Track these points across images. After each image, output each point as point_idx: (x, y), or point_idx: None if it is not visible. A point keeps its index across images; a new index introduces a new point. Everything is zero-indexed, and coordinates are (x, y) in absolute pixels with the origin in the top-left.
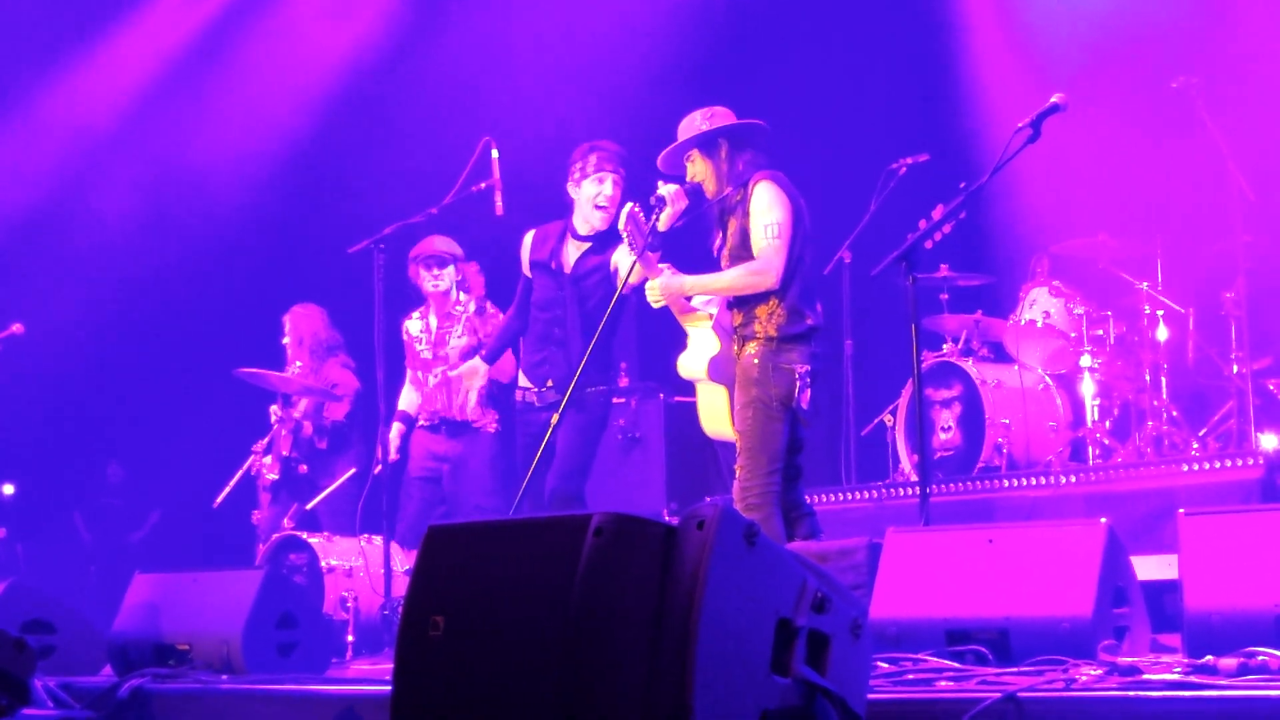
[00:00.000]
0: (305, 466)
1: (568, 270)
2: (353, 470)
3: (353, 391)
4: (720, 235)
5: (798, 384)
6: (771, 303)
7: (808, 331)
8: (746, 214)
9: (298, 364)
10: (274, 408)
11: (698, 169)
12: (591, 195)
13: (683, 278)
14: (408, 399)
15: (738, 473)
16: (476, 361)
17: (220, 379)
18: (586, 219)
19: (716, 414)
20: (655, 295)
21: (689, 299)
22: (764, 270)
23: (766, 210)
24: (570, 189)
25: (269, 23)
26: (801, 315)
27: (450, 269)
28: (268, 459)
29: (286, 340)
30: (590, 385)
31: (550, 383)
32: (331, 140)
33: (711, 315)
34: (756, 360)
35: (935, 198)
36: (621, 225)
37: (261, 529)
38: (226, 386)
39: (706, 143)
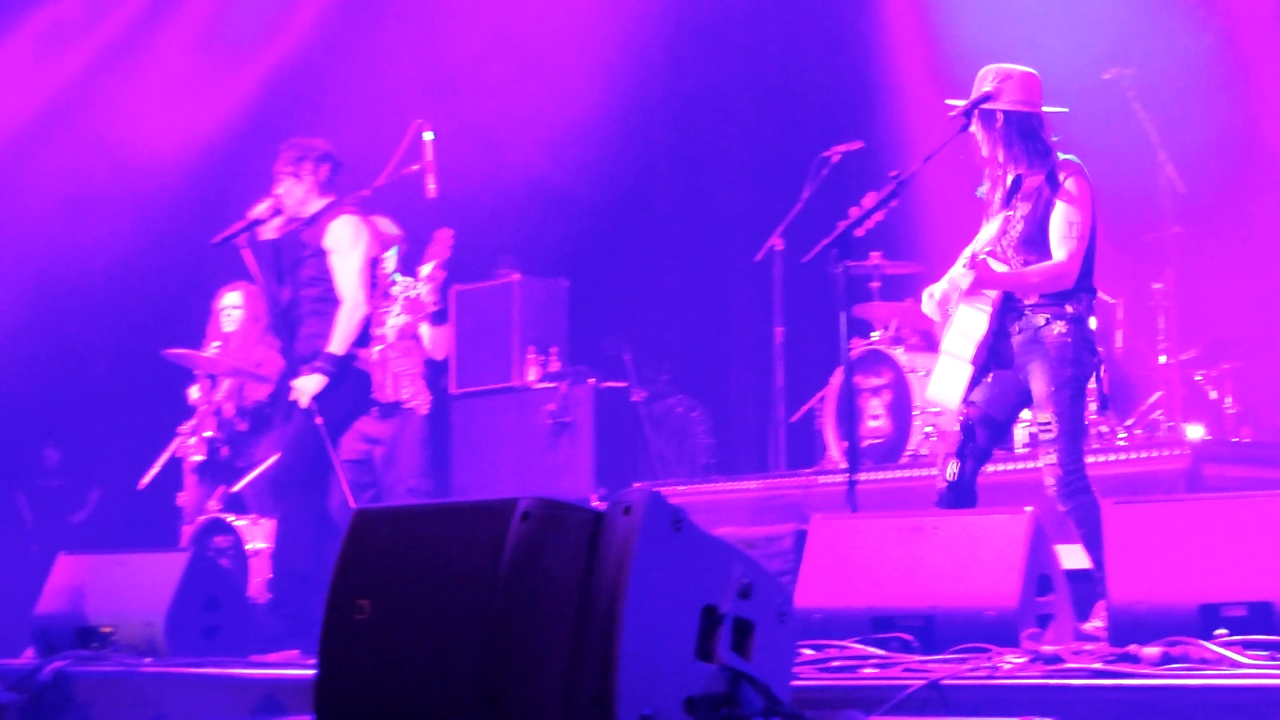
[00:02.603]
0: (227, 449)
1: None
2: (279, 455)
3: (277, 372)
4: (1008, 213)
5: (1102, 365)
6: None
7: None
8: (1049, 204)
9: (215, 344)
10: (193, 389)
11: (977, 131)
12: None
13: (997, 270)
14: None
15: (1054, 456)
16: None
17: (151, 359)
18: None
19: (953, 385)
20: (967, 279)
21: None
22: (1068, 274)
23: (1075, 208)
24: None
25: (199, 3)
26: (1094, 295)
27: (392, 250)
28: (192, 440)
29: (238, 315)
30: None
31: None
32: (262, 121)
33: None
34: (1070, 340)
35: (867, 185)
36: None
37: (186, 512)
38: (159, 367)
39: (988, 111)
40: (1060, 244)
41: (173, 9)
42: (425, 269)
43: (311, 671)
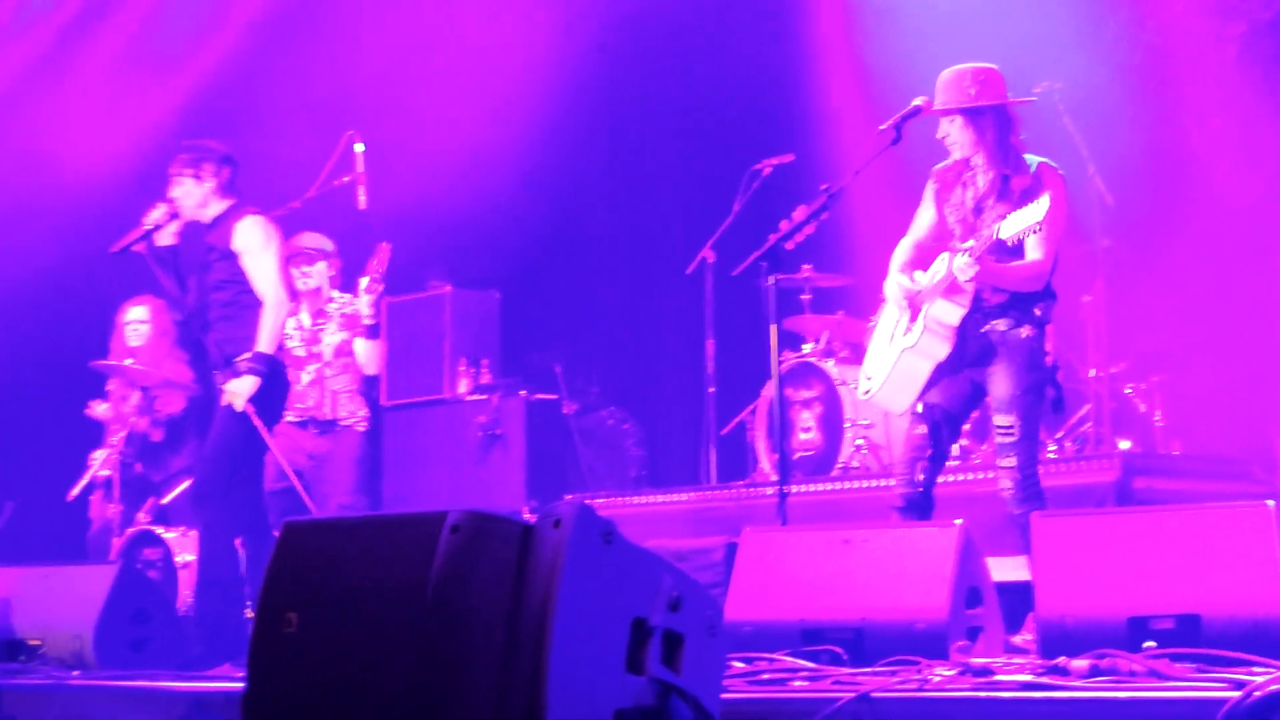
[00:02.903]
0: (140, 463)
1: None
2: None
3: (190, 382)
4: (981, 211)
5: (1058, 370)
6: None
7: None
8: (1019, 205)
9: (129, 360)
10: (99, 405)
11: (954, 133)
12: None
13: (990, 263)
14: None
15: (1014, 460)
16: (349, 357)
17: (64, 371)
18: None
19: (910, 385)
20: (971, 270)
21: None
22: (1044, 274)
23: (1050, 211)
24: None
25: (132, 12)
26: (1056, 300)
27: (320, 265)
28: (100, 454)
29: (145, 330)
30: None
31: None
32: (191, 133)
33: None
34: (1036, 344)
35: (798, 198)
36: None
37: (96, 528)
38: (72, 379)
39: (975, 112)
40: (1039, 245)
41: (99, 20)
42: (364, 282)
43: (240, 684)
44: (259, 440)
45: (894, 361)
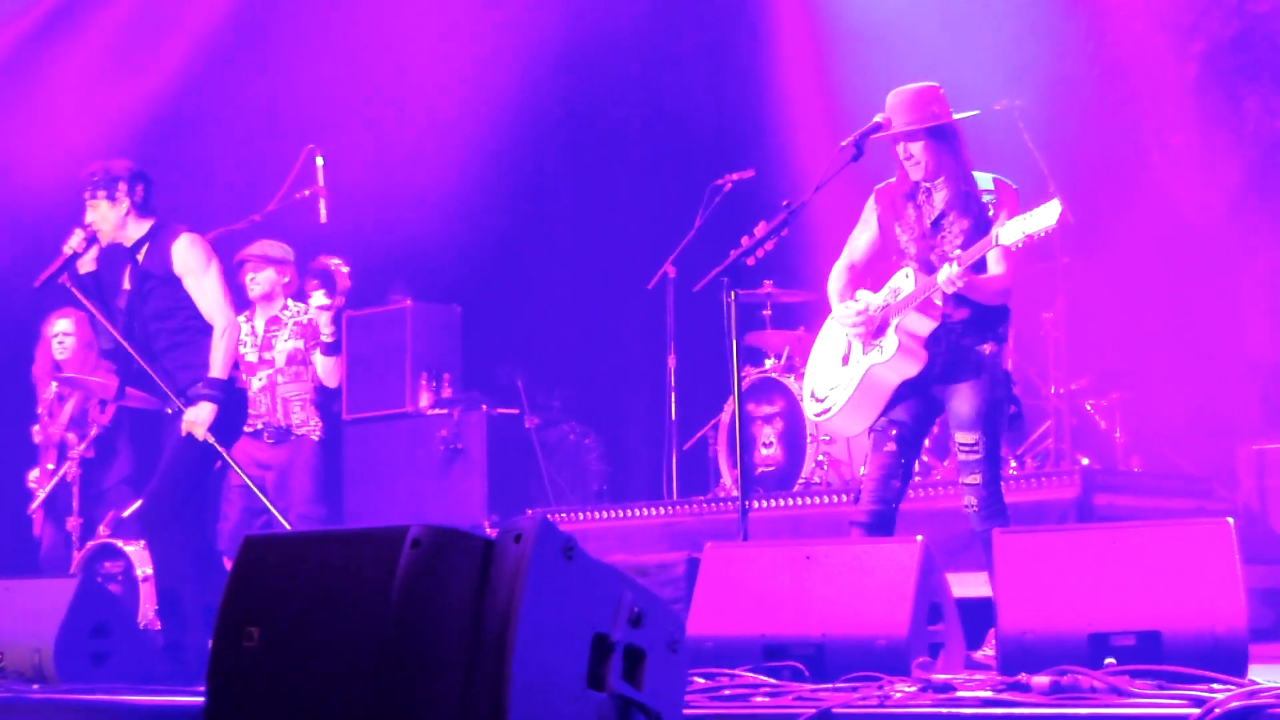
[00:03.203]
0: (73, 475)
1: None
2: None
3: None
4: (939, 228)
5: (1016, 387)
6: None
7: None
8: (993, 220)
9: (53, 385)
10: (35, 429)
11: (918, 153)
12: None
13: (972, 276)
14: None
15: (978, 477)
16: (303, 366)
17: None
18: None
19: (874, 404)
20: (960, 282)
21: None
22: (1011, 289)
23: (1019, 229)
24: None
25: (93, 26)
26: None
27: (268, 272)
28: (34, 473)
29: (70, 343)
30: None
31: None
32: (155, 145)
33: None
34: (1000, 361)
35: (760, 214)
36: None
37: (49, 543)
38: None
39: (939, 132)
40: (1000, 260)
41: (58, 34)
42: (317, 296)
43: (200, 699)
44: (211, 465)
45: (858, 379)
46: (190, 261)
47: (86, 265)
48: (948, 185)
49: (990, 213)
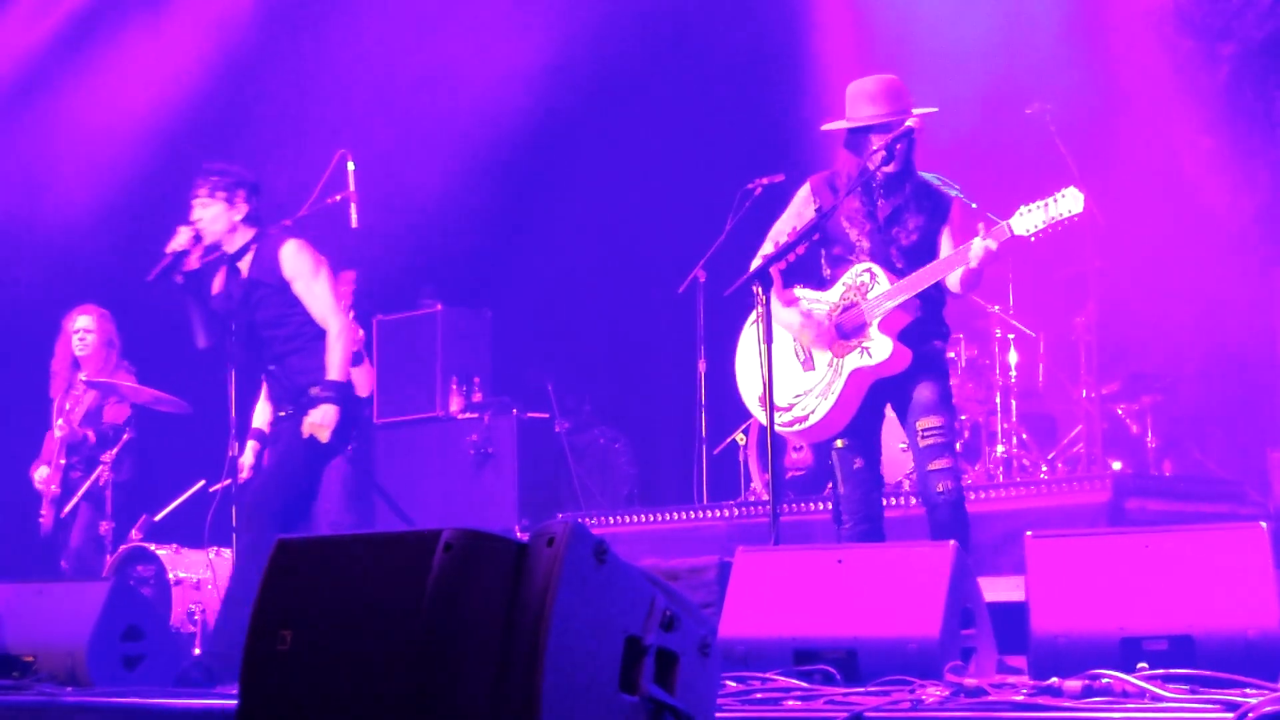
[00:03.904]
0: (106, 479)
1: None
2: (202, 482)
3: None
4: (897, 221)
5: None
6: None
7: None
8: (945, 217)
9: (83, 375)
10: (59, 422)
11: (895, 149)
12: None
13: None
14: (262, 416)
15: (948, 461)
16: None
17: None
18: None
19: (851, 406)
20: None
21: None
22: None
23: (1039, 217)
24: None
25: (120, 31)
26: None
27: None
28: (42, 471)
29: (91, 339)
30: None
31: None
32: (185, 150)
33: None
34: (945, 354)
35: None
36: None
37: (79, 542)
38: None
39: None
40: (951, 248)
41: (86, 39)
42: None
43: (233, 702)
44: (322, 468)
45: (841, 385)
46: (300, 265)
47: (191, 263)
48: (908, 179)
49: (946, 205)
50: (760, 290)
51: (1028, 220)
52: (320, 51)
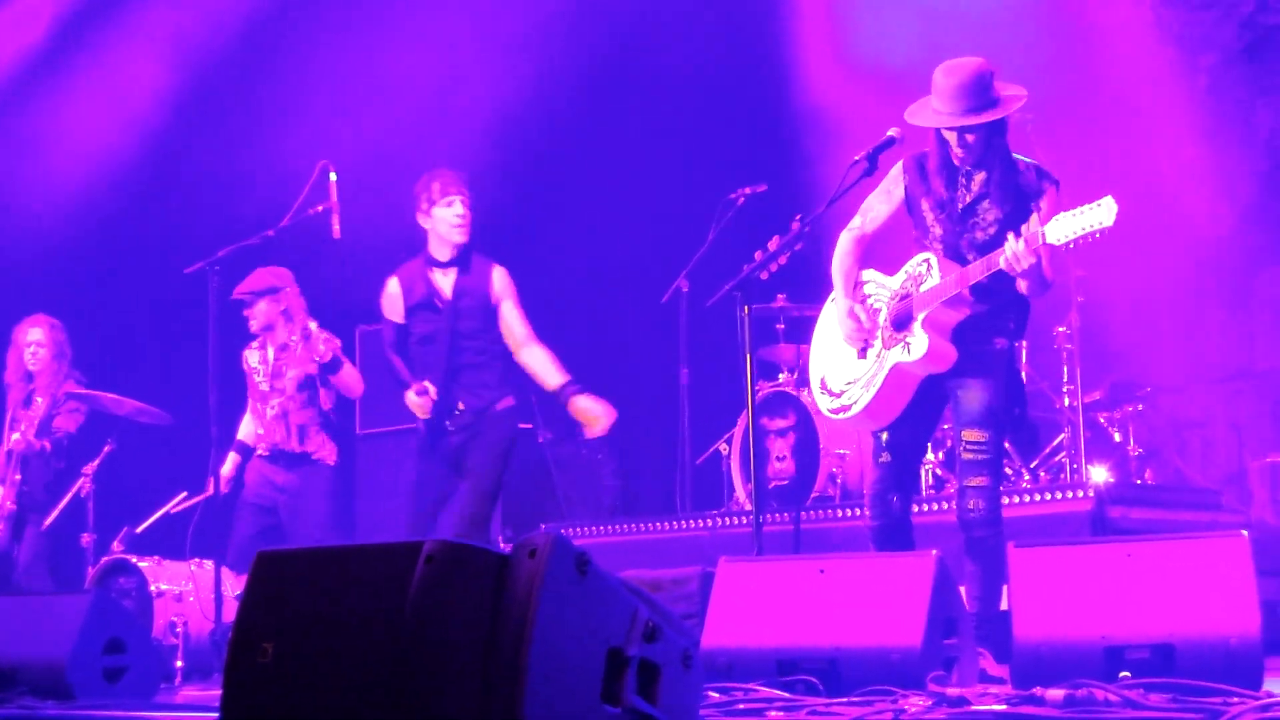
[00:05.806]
0: (87, 491)
1: (448, 298)
2: (184, 494)
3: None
4: (974, 211)
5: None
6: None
7: None
8: (1031, 208)
9: (39, 398)
10: (15, 436)
11: (972, 140)
12: (447, 218)
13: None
14: (246, 429)
15: (985, 480)
16: (310, 391)
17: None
18: (446, 239)
19: (900, 399)
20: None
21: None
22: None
23: (1068, 228)
24: (421, 220)
25: (102, 38)
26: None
27: (261, 305)
28: None
29: (43, 353)
30: (499, 402)
31: (461, 405)
32: (167, 162)
33: None
34: (1010, 357)
35: (773, 228)
36: None
37: (28, 557)
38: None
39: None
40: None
41: (79, 45)
42: (313, 326)
43: (214, 714)
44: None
45: (883, 378)
46: (509, 289)
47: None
48: (990, 170)
49: (1031, 204)
50: (742, 299)
51: (1061, 227)
52: (303, 61)
